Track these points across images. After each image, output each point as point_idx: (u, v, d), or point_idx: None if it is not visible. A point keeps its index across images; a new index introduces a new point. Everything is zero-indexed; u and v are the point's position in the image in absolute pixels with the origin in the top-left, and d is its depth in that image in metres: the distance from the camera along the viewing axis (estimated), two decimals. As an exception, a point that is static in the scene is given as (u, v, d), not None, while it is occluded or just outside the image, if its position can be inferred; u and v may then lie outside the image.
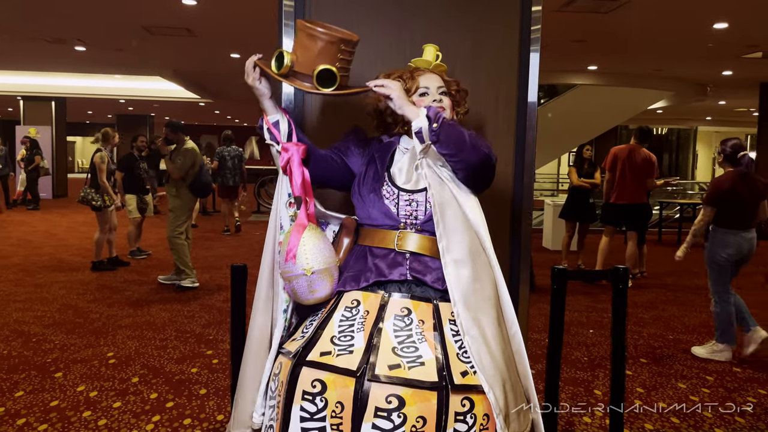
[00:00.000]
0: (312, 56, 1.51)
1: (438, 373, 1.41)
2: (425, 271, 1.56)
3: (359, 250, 1.67)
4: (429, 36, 2.21)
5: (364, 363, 1.42)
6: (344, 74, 1.56)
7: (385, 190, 1.63)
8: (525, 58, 2.27)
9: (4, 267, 6.52)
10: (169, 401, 3.10)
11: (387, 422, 1.36)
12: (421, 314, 1.52)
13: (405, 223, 1.61)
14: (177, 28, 7.53)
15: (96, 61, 10.45)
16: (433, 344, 1.47)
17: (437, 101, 1.66)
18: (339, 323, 1.53)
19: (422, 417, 1.37)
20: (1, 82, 14.98)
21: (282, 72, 1.53)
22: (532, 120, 2.30)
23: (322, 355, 1.46)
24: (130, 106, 18.88)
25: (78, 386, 3.27)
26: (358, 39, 1.59)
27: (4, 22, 7.45)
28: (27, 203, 13.04)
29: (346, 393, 1.39)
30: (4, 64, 11.62)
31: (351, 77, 1.66)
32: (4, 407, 2.98)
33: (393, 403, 1.37)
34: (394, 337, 1.47)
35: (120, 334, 4.22)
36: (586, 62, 9.54)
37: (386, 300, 1.54)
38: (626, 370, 3.69)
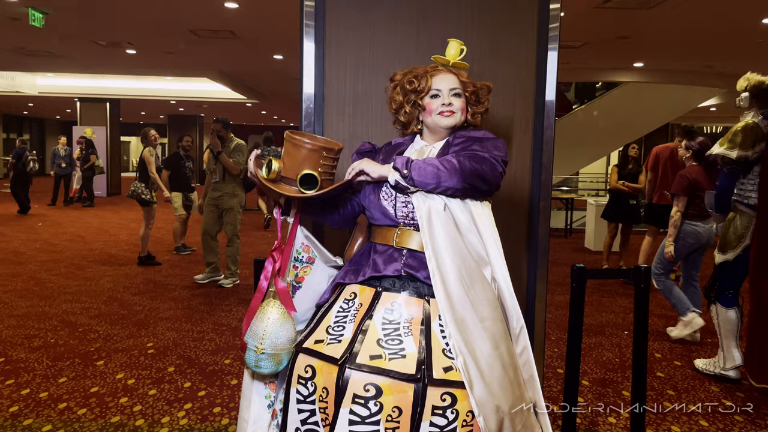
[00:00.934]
0: (297, 163, 1.65)
1: (417, 366, 1.45)
2: (419, 268, 1.60)
3: (367, 246, 1.74)
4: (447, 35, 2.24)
5: (347, 352, 1.48)
6: (327, 178, 1.69)
7: (384, 192, 1.67)
8: (543, 57, 2.27)
9: (57, 261, 6.84)
10: (201, 390, 3.22)
11: (364, 409, 1.42)
12: (411, 309, 1.56)
13: (403, 222, 1.65)
14: (221, 30, 7.74)
15: (146, 64, 10.84)
16: (418, 339, 1.51)
17: (446, 104, 1.68)
18: (336, 314, 1.61)
19: (398, 407, 1.42)
20: (60, 84, 15.68)
21: (270, 177, 1.66)
22: (550, 118, 2.30)
23: (316, 343, 1.56)
24: (180, 107, 19.45)
25: (117, 374, 3.42)
26: (340, 147, 1.72)
27: (62, 27, 7.80)
28: (82, 200, 13.59)
29: (330, 379, 1.47)
30: (62, 66, 12.14)
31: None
32: (48, 392, 3.15)
33: (370, 391, 1.42)
34: (381, 330, 1.52)
35: (160, 326, 4.39)
36: (632, 59, 9.34)
37: (379, 294, 1.59)
38: (659, 372, 3.65)
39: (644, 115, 12.03)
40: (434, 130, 1.73)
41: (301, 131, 1.80)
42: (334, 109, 2.30)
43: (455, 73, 1.73)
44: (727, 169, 3.41)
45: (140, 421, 2.84)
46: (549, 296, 5.55)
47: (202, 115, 21.97)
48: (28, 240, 8.37)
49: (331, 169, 1.70)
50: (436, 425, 1.43)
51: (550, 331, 4.45)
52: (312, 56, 2.26)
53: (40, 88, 15.68)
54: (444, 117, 1.68)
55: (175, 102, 17.66)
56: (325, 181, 1.68)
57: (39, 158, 11.59)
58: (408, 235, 1.63)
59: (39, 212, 12.04)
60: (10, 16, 6.93)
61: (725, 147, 3.31)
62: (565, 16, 6.71)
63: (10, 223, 10.27)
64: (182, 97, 16.46)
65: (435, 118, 1.69)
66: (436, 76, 1.71)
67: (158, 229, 7.17)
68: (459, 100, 1.70)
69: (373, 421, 1.42)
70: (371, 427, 1.41)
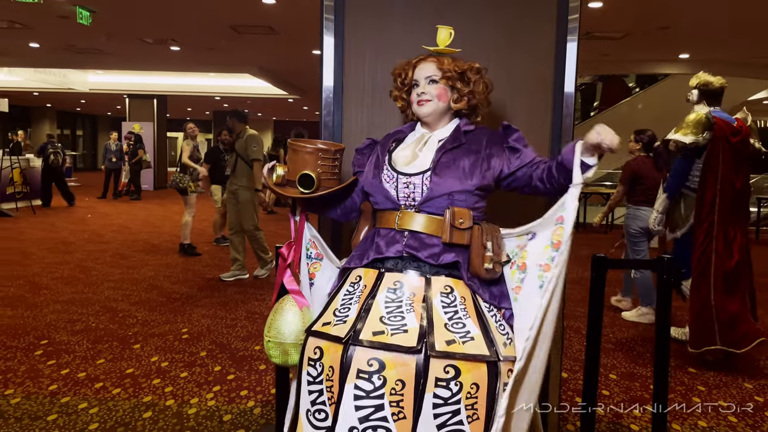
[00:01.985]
0: (297, 166, 1.78)
1: (418, 338, 1.49)
2: (420, 248, 1.64)
3: (372, 232, 1.78)
4: (464, 26, 2.26)
5: (351, 330, 1.53)
6: (329, 177, 1.80)
7: (385, 174, 1.73)
8: (562, 48, 2.27)
9: (103, 251, 7.11)
10: (231, 374, 3.33)
11: (368, 383, 1.46)
12: (412, 287, 1.60)
13: (405, 204, 1.69)
14: (260, 26, 7.89)
15: (189, 60, 11.12)
16: (419, 314, 1.55)
17: (420, 93, 1.73)
18: (342, 297, 1.66)
19: (401, 380, 1.45)
20: (110, 81, 16.22)
21: (276, 182, 1.82)
22: (569, 108, 2.30)
23: (324, 326, 1.61)
24: (225, 103, 19.85)
25: (152, 357, 3.56)
26: (338, 148, 1.82)
27: (109, 25, 8.08)
28: (130, 194, 14.05)
29: (336, 358, 1.51)
30: (110, 64, 12.56)
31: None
32: (86, 372, 3.31)
33: (374, 366, 1.46)
34: (384, 308, 1.57)
35: (196, 312, 4.54)
36: (676, 50, 9.10)
37: (382, 274, 1.64)
38: (690, 368, 3.59)
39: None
40: (421, 119, 1.79)
41: (307, 140, 1.90)
42: (353, 100, 2.35)
43: (436, 60, 1.75)
44: (682, 155, 3.78)
45: (170, 401, 2.96)
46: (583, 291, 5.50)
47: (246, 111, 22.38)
48: (77, 231, 8.71)
49: (332, 169, 1.80)
50: (440, 397, 1.45)
51: (581, 324, 4.42)
52: (332, 49, 2.31)
53: (91, 85, 16.23)
54: (419, 106, 1.74)
55: (220, 98, 18.02)
56: (325, 180, 1.78)
57: (59, 150, 11.84)
58: (409, 217, 1.68)
59: (89, 205, 12.51)
60: (59, 14, 7.22)
61: (680, 134, 3.68)
62: (604, 7, 6.60)
63: (60, 215, 10.70)
64: (226, 93, 16.80)
65: (414, 108, 1.77)
66: (418, 66, 1.76)
67: (199, 221, 7.39)
68: (435, 87, 1.73)
69: (378, 395, 1.45)
70: (376, 401, 1.45)
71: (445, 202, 1.65)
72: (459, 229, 1.62)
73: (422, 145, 1.77)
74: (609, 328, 4.39)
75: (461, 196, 1.65)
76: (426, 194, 1.66)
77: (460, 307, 1.59)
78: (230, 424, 2.75)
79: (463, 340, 1.52)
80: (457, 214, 1.62)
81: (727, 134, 3.59)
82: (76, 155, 26.25)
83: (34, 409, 2.83)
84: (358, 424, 1.45)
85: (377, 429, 1.45)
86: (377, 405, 1.45)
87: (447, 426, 1.46)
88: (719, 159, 3.57)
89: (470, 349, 1.51)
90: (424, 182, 1.67)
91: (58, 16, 7.33)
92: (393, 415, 1.45)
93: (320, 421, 1.55)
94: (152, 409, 2.87)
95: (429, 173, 1.67)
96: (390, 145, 1.83)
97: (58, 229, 8.80)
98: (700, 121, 3.62)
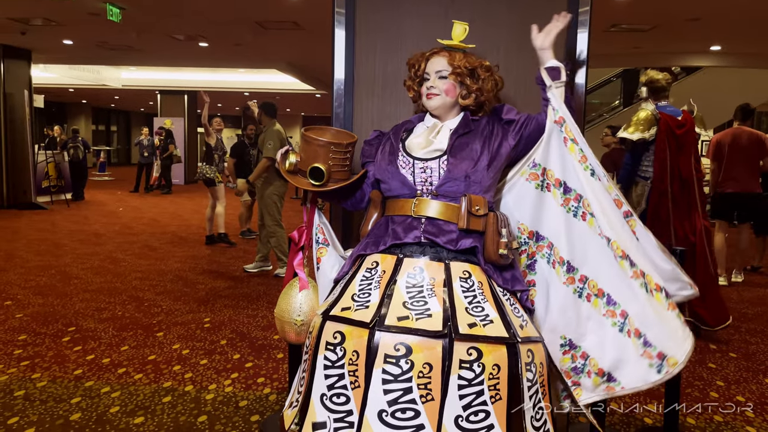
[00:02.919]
0: (309, 157, 1.83)
1: (443, 323, 1.52)
2: (438, 233, 1.68)
3: (383, 219, 1.82)
4: (475, 17, 2.27)
5: (376, 316, 1.56)
6: (340, 170, 1.84)
7: (401, 160, 1.78)
8: (572, 40, 2.26)
9: (133, 243, 7.29)
10: (249, 362, 3.40)
11: (396, 368, 1.49)
12: (433, 272, 1.64)
13: (421, 190, 1.74)
14: (285, 22, 7.95)
15: (218, 56, 11.27)
16: (442, 298, 1.58)
17: (431, 87, 1.80)
18: (360, 283, 1.69)
19: (428, 363, 1.48)
20: (143, 78, 16.54)
21: (288, 169, 1.87)
22: (579, 101, 2.29)
23: (343, 311, 1.62)
24: (254, 99, 20.05)
25: (174, 344, 3.66)
26: (351, 141, 1.86)
27: (140, 22, 8.24)
28: (161, 188, 14.33)
29: (360, 343, 1.53)
30: (141, 60, 12.81)
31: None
32: (110, 358, 3.41)
33: (401, 350, 1.49)
34: (406, 293, 1.60)
35: (218, 303, 4.63)
36: (707, 42, 8.91)
37: (401, 260, 1.67)
38: (710, 363, 3.54)
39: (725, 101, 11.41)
40: (430, 111, 1.85)
41: (320, 127, 1.93)
42: (363, 91, 2.38)
43: (448, 55, 1.79)
44: (630, 150, 4.06)
45: (189, 387, 3.04)
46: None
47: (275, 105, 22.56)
48: (109, 223, 8.93)
49: (342, 162, 1.83)
50: (464, 378, 1.49)
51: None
52: (342, 42, 2.35)
53: (124, 81, 16.57)
54: (428, 99, 1.81)
55: (249, 94, 18.22)
56: (335, 173, 1.82)
57: (76, 144, 12.08)
58: (425, 203, 1.72)
59: (121, 198, 12.80)
60: (89, 11, 7.39)
61: (628, 131, 3.97)
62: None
63: (93, 208, 10.98)
64: (255, 89, 16.98)
65: (423, 100, 1.83)
66: (431, 59, 1.81)
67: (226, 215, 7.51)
68: (444, 82, 1.78)
69: (406, 378, 1.48)
70: (404, 384, 1.48)
71: (462, 185, 1.70)
72: (475, 216, 1.67)
73: (435, 133, 1.82)
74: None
75: (477, 177, 1.71)
76: (443, 177, 1.71)
77: (478, 291, 1.63)
78: (246, 409, 2.81)
79: (484, 323, 1.56)
80: (474, 201, 1.68)
81: (672, 127, 3.92)
82: (110, 150, 26.82)
83: (59, 392, 2.94)
84: (387, 407, 1.48)
85: (406, 411, 1.48)
86: (405, 388, 1.48)
87: (472, 406, 1.49)
88: (666, 151, 3.93)
89: (491, 332, 1.54)
90: (441, 166, 1.72)
91: (89, 13, 7.50)
92: (421, 398, 1.48)
93: (340, 405, 1.55)
94: (171, 394, 2.96)
95: (445, 157, 1.73)
96: (402, 135, 1.87)
97: (90, 222, 9.04)
98: (647, 119, 3.93)
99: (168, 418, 2.70)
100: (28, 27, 8.79)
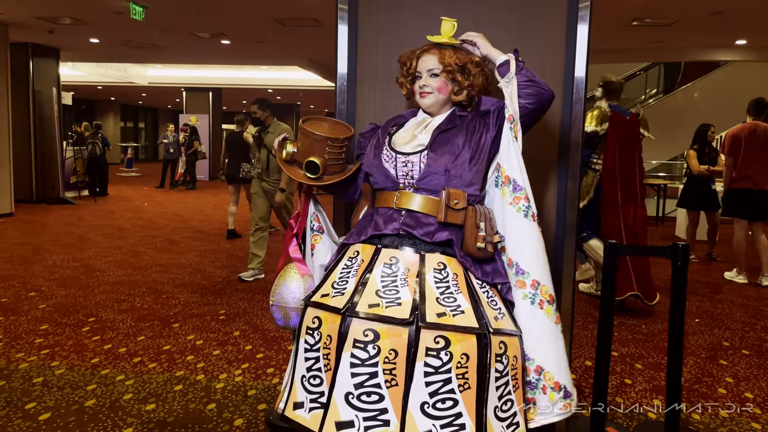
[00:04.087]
0: (306, 149, 1.87)
1: (411, 311, 1.56)
2: (416, 226, 1.72)
3: (371, 211, 1.87)
4: (476, 12, 2.30)
5: (349, 302, 1.62)
6: (335, 163, 1.89)
7: (385, 154, 1.82)
8: (572, 33, 2.27)
9: (155, 236, 7.44)
10: (260, 353, 3.48)
11: (363, 352, 1.54)
12: (407, 263, 1.68)
13: (403, 183, 1.78)
14: (305, 19, 8.02)
15: (240, 54, 11.40)
16: (413, 288, 1.62)
17: (422, 85, 1.83)
18: (341, 271, 1.75)
19: (394, 350, 1.53)
20: (168, 75, 16.79)
21: (285, 158, 1.92)
22: (579, 93, 2.30)
23: (322, 297, 1.70)
24: (278, 96, 20.22)
25: (189, 335, 3.75)
26: (347, 135, 1.90)
27: (162, 20, 8.40)
28: (186, 184, 14.55)
29: (333, 327, 1.60)
30: (169, 58, 13.03)
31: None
32: (126, 348, 3.51)
33: (369, 336, 1.54)
34: (380, 282, 1.65)
35: (234, 296, 4.72)
36: (732, 36, 8.75)
37: (379, 250, 1.72)
38: (721, 360, 3.52)
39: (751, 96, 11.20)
40: (425, 109, 1.89)
41: (318, 117, 1.96)
42: (366, 86, 2.42)
43: (438, 52, 1.82)
44: (584, 143, 4.18)
45: (200, 376, 3.12)
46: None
47: (298, 104, 22.75)
48: (133, 218, 9.12)
49: (338, 155, 1.87)
50: (431, 365, 1.52)
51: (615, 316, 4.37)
52: (345, 37, 2.39)
53: (150, 78, 16.85)
54: (421, 98, 1.84)
55: (272, 90, 18.39)
56: (331, 165, 1.86)
57: (97, 141, 12.25)
58: (407, 196, 1.76)
59: (147, 194, 13.03)
60: (113, 10, 7.55)
61: (585, 125, 4.27)
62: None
63: (119, 203, 11.20)
64: (278, 86, 17.14)
65: (416, 98, 1.87)
66: (421, 58, 1.84)
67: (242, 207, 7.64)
68: (436, 80, 1.81)
69: (372, 363, 1.53)
70: (370, 368, 1.53)
71: (442, 179, 1.73)
72: (454, 210, 1.70)
73: (422, 128, 1.86)
74: (642, 318, 4.33)
75: (457, 171, 1.74)
76: (423, 171, 1.75)
77: (452, 282, 1.66)
78: (254, 398, 2.88)
79: (454, 313, 1.59)
80: (453, 195, 1.70)
81: (621, 125, 4.42)
82: (138, 146, 27.28)
83: (76, 380, 3.04)
84: (353, 390, 1.54)
85: (371, 394, 1.53)
86: (371, 372, 1.53)
87: (439, 394, 1.53)
88: (616, 144, 4.42)
89: (460, 322, 1.57)
90: (422, 160, 1.76)
91: (113, 12, 7.67)
92: (386, 382, 1.53)
93: (315, 387, 1.64)
94: (183, 382, 3.04)
95: (426, 151, 1.76)
96: (391, 129, 1.93)
97: (115, 217, 9.23)
98: (601, 114, 4.38)
99: (178, 406, 2.78)
100: (55, 26, 9.01)
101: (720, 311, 4.60)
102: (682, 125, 11.24)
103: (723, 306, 4.75)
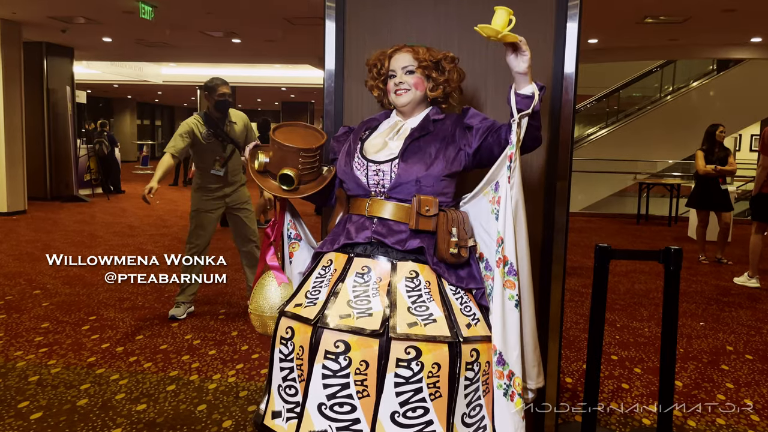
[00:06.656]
0: (278, 160, 1.79)
1: (381, 322, 1.55)
2: (387, 234, 1.69)
3: (345, 217, 1.85)
4: (463, 8, 2.26)
5: (320, 313, 1.60)
6: (309, 172, 1.81)
7: (356, 162, 1.79)
8: (561, 28, 2.23)
9: (164, 235, 7.49)
10: (255, 353, 3.47)
11: (335, 363, 1.53)
12: (380, 272, 1.66)
13: (374, 191, 1.75)
14: (314, 17, 8.02)
15: (251, 52, 11.45)
16: (384, 298, 1.60)
17: (398, 83, 1.78)
18: (314, 280, 1.74)
19: (365, 361, 1.52)
20: (182, 73, 16.89)
21: (258, 169, 1.83)
22: (569, 92, 2.26)
23: (295, 307, 1.69)
24: (291, 94, 20.28)
25: (187, 335, 3.76)
26: (320, 144, 1.81)
27: (172, 19, 8.45)
28: (199, 181, 14.60)
29: (305, 338, 1.59)
30: (181, 57, 13.12)
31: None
32: (124, 347, 3.53)
33: (340, 347, 1.53)
34: (352, 292, 1.63)
35: (236, 295, 4.73)
36: (746, 34, 8.60)
37: (351, 259, 1.70)
38: (723, 365, 3.45)
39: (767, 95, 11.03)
40: (398, 108, 1.84)
41: (289, 125, 1.88)
42: (353, 85, 2.40)
43: (411, 50, 1.80)
44: None
45: (194, 377, 3.12)
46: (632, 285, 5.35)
47: (312, 102, 22.79)
48: (144, 216, 9.19)
49: (312, 164, 1.81)
50: (401, 376, 1.52)
51: (617, 317, 4.31)
52: (333, 36, 2.37)
53: (164, 77, 16.97)
54: (397, 96, 1.80)
55: (286, 89, 18.44)
56: (305, 175, 1.81)
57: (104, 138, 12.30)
58: (378, 204, 1.73)
59: (160, 192, 13.02)
60: (124, 9, 7.61)
61: None
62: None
63: (132, 201, 11.29)
64: (292, 84, 17.17)
65: (391, 97, 1.82)
66: (394, 56, 1.81)
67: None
68: (412, 77, 1.78)
69: (344, 374, 1.53)
70: (342, 379, 1.53)
71: (413, 188, 1.70)
72: (425, 217, 1.68)
73: (394, 133, 1.83)
74: (646, 322, 4.27)
75: (428, 181, 1.70)
76: (394, 180, 1.72)
77: (424, 291, 1.64)
78: (245, 399, 2.88)
79: (425, 322, 1.57)
80: (424, 202, 1.68)
81: None
82: (154, 144, 27.50)
83: (71, 379, 3.06)
84: (326, 401, 1.54)
85: (343, 405, 1.53)
86: (343, 383, 1.53)
87: (410, 403, 1.52)
88: None
89: (431, 331, 1.56)
90: (393, 169, 1.72)
91: (124, 11, 7.72)
92: (358, 393, 1.53)
93: (291, 396, 1.64)
94: (176, 382, 3.04)
95: (397, 160, 1.73)
96: (363, 134, 1.89)
97: (127, 215, 9.31)
98: None
99: (169, 406, 2.78)
100: (68, 25, 9.10)
101: (727, 314, 4.51)
102: (697, 125, 11.10)
103: (730, 309, 4.66)
